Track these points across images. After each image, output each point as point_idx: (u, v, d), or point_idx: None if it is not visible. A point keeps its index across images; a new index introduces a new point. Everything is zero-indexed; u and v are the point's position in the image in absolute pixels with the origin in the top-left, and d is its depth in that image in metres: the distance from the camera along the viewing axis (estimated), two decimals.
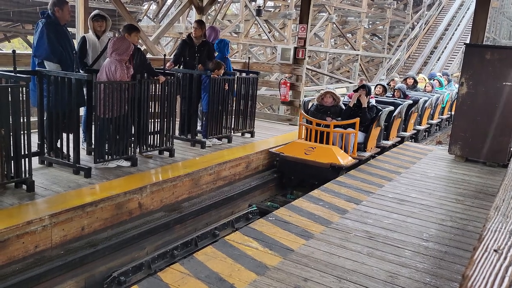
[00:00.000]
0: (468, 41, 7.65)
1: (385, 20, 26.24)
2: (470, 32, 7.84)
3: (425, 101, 10.30)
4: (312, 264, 3.60)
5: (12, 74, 4.31)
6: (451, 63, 23.43)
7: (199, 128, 7.05)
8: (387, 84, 10.55)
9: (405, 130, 9.34)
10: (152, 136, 5.87)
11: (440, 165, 7.16)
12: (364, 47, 27.92)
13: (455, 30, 25.69)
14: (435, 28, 26.35)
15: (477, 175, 6.63)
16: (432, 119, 11.63)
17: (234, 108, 7.28)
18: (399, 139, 8.81)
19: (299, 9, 9.88)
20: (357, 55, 24.64)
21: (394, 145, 8.41)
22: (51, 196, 4.34)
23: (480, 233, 1.54)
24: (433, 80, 12.56)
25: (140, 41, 7.75)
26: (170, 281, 3.21)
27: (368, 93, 7.17)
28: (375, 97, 8.52)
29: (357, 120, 6.71)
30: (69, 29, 5.54)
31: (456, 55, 23.79)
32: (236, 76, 7.15)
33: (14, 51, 4.59)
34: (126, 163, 5.43)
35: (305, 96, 9.48)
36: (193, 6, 10.22)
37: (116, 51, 5.05)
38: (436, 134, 11.87)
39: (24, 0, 17.53)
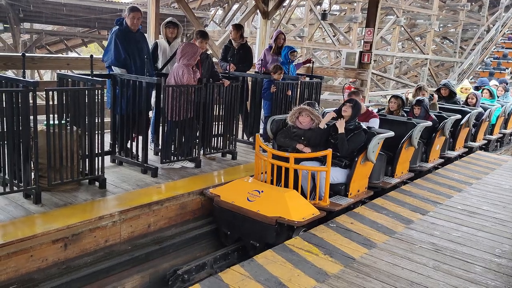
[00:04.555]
0: None
1: (458, 22, 25.01)
2: None
3: (498, 110, 9.44)
4: (374, 274, 3.51)
5: (89, 77, 4.59)
6: None
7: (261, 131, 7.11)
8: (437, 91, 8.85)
9: (474, 140, 8.61)
10: (215, 138, 6.01)
11: None
12: (433, 51, 26.78)
13: None
14: None
15: None
16: (505, 128, 10.58)
17: None
18: (466, 149, 8.05)
19: (366, 12, 9.68)
20: (426, 59, 23.68)
21: (460, 156, 7.79)
22: (121, 193, 4.57)
23: None
24: (482, 90, 9.98)
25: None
26: (231, 282, 3.26)
27: (356, 111, 5.06)
28: (382, 116, 6.33)
29: (328, 152, 4.58)
30: None
31: None
32: (299, 81, 7.14)
33: (91, 56, 4.89)
34: (190, 164, 5.60)
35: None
36: (258, 11, 10.34)
37: (184, 56, 5.23)
38: (497, 152, 10.36)
39: (100, 7, 18.63)
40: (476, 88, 10.45)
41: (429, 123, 6.11)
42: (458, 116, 7.08)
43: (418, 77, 25.83)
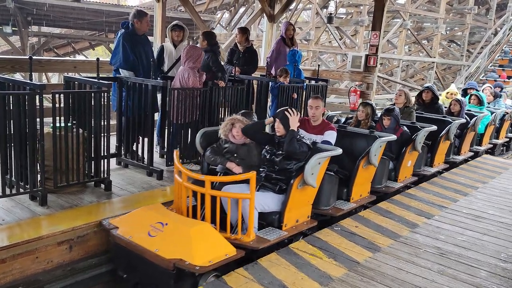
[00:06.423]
0: None
1: (465, 25, 24.90)
2: None
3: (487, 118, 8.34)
4: (378, 278, 3.50)
5: (95, 80, 4.63)
6: None
7: None
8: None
9: (458, 152, 7.61)
10: None
11: None
12: (440, 54, 26.68)
13: None
14: None
15: None
16: (497, 138, 9.45)
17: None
18: (448, 165, 7.06)
19: (372, 15, 9.68)
20: (433, 62, 23.59)
21: (440, 172, 6.81)
22: (126, 196, 4.59)
23: None
24: (470, 96, 8.92)
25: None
26: (234, 285, 3.26)
27: (287, 125, 4.11)
28: (342, 127, 5.41)
29: (251, 175, 3.64)
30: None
31: None
32: (305, 84, 7.14)
33: (98, 59, 4.94)
34: (195, 167, 5.60)
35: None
36: (264, 15, 10.37)
37: (189, 59, 5.26)
38: (504, 156, 9.57)
39: (107, 11, 18.76)
40: (465, 92, 9.51)
41: (393, 137, 5.21)
42: (433, 127, 6.10)
43: (425, 80, 25.74)
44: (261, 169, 4.12)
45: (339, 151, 4.30)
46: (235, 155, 4.25)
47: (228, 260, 3.48)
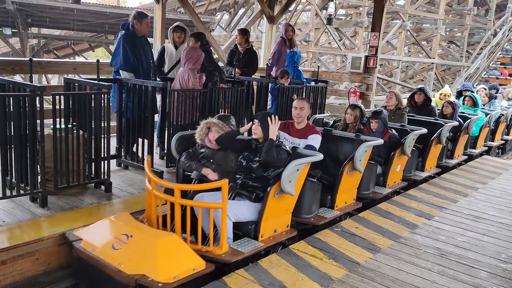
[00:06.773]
0: None
1: (464, 26, 24.95)
2: None
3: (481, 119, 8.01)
4: (378, 279, 3.50)
5: (95, 82, 4.63)
6: None
7: None
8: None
9: (451, 156, 7.34)
10: None
11: None
12: (440, 55, 26.72)
13: None
14: None
15: None
16: (492, 140, 9.15)
17: None
18: (440, 170, 6.80)
19: (371, 16, 9.70)
20: (432, 63, 23.63)
21: (432, 177, 6.51)
22: (127, 197, 4.59)
23: None
24: (464, 97, 8.55)
25: (212, 49, 8.00)
26: (235, 286, 3.26)
27: (266, 129, 3.90)
28: (327, 131, 5.14)
29: (222, 183, 3.39)
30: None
31: None
32: (304, 85, 7.15)
33: (98, 61, 4.94)
34: None
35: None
36: (264, 16, 10.39)
37: (189, 60, 5.27)
38: (503, 157, 9.42)
39: (107, 12, 18.79)
40: (459, 93, 9.24)
41: (379, 141, 4.90)
42: (423, 130, 5.77)
43: (424, 81, 25.77)
44: (237, 176, 3.92)
45: (319, 156, 4.04)
46: (211, 160, 4.02)
47: (196, 275, 3.21)
